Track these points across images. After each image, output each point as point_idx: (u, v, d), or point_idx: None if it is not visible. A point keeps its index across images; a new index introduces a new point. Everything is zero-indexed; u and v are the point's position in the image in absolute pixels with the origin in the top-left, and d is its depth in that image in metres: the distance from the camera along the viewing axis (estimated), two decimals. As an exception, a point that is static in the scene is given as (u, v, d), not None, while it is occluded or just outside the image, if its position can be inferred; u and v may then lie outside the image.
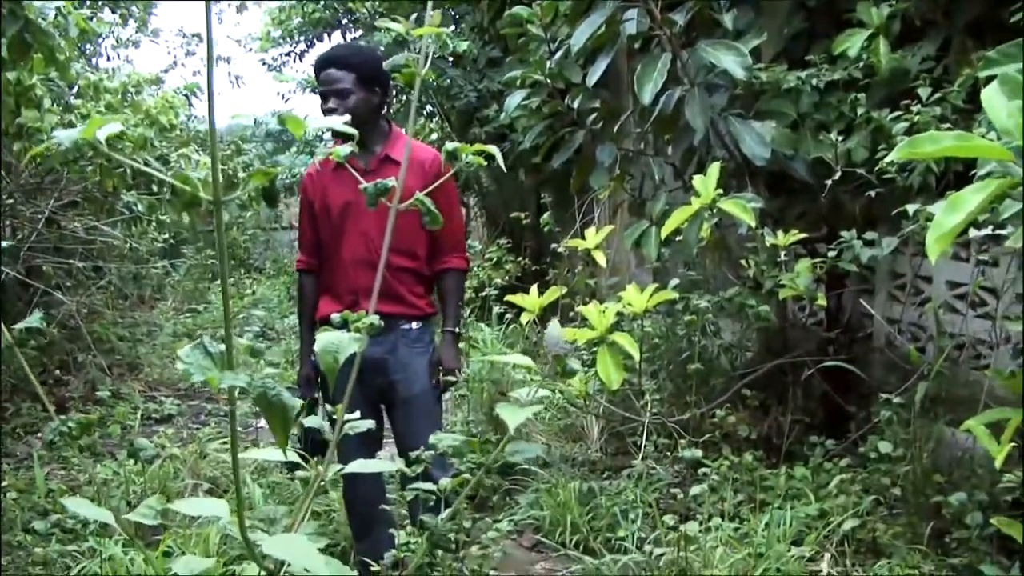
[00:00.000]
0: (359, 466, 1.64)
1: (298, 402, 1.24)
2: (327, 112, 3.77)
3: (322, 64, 3.84)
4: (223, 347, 1.19)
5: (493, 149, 1.67)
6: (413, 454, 2.81)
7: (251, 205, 11.72)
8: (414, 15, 1.67)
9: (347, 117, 1.46)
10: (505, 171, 3.14)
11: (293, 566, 1.25)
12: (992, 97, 2.71)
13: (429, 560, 2.95)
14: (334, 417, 1.64)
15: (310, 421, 1.77)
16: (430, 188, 3.63)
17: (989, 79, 2.90)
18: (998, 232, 3.07)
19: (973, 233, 3.19)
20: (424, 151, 3.94)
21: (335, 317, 1.65)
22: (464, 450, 2.03)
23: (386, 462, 1.89)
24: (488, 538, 3.26)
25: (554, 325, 1.78)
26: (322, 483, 1.53)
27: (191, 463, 5.43)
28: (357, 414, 1.74)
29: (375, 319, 1.57)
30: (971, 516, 3.62)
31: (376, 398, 3.89)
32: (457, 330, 3.99)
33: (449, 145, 1.60)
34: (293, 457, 1.54)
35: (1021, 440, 3.66)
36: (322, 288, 3.97)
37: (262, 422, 6.33)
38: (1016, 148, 2.56)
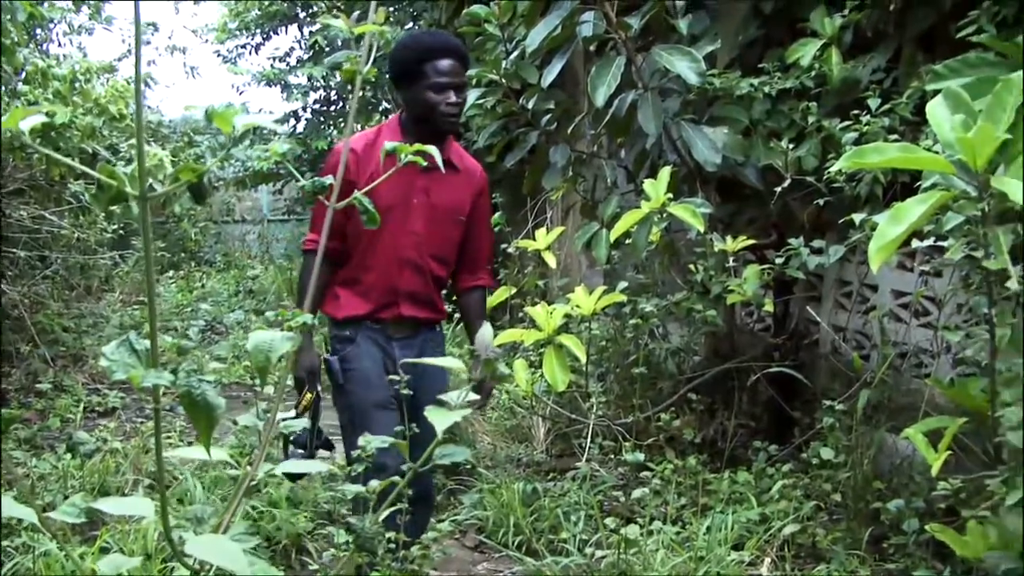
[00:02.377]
0: (292, 466, 1.63)
1: (223, 400, 1.22)
2: (450, 105, 3.47)
3: (444, 51, 3.50)
4: (148, 344, 1.17)
5: (432, 149, 1.66)
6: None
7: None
8: (356, 12, 1.65)
9: (272, 116, 1.44)
10: (444, 171, 3.12)
11: (218, 566, 1.23)
12: (936, 110, 2.74)
13: (369, 560, 2.93)
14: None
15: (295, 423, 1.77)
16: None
17: (936, 92, 2.94)
18: (939, 243, 3.10)
19: (916, 244, 3.22)
20: (474, 162, 3.82)
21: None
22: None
23: (319, 462, 1.87)
24: (429, 538, 3.25)
25: (485, 328, 1.77)
26: (254, 482, 1.50)
27: (133, 458, 5.35)
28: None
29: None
30: (908, 522, 3.67)
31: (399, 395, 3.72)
32: None
33: (388, 144, 1.59)
34: (221, 456, 1.51)
35: (958, 448, 3.72)
36: (345, 282, 3.65)
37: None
38: (958, 161, 2.59)
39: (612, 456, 4.94)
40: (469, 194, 3.71)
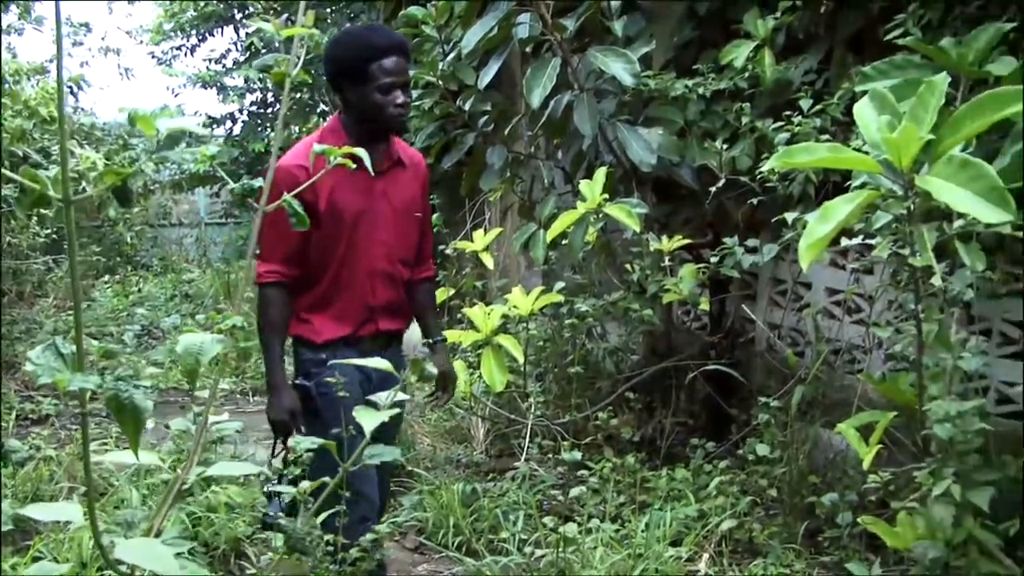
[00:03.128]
0: (219, 468, 1.62)
1: (150, 403, 1.22)
2: (398, 106, 3.26)
3: (389, 49, 3.28)
4: (75, 348, 1.16)
5: (361, 152, 1.66)
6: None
7: (139, 201, 11.46)
8: (285, 15, 1.65)
9: (198, 119, 1.42)
10: (373, 173, 3.09)
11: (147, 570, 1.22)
12: (863, 111, 2.80)
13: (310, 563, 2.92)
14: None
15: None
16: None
17: (864, 93, 3.00)
18: (870, 241, 3.16)
19: (846, 242, 3.28)
20: (414, 151, 3.62)
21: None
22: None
23: (248, 464, 1.86)
24: (367, 540, 3.23)
25: (413, 330, 1.78)
26: (185, 487, 1.49)
27: (68, 465, 5.26)
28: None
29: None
30: (841, 515, 3.73)
31: None
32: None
33: (317, 147, 1.59)
34: (152, 459, 1.50)
35: (890, 442, 3.79)
36: (315, 306, 3.39)
37: (148, 424, 6.23)
38: (884, 161, 2.64)
39: (551, 455, 4.96)
40: (420, 187, 3.54)
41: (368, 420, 1.47)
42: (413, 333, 1.84)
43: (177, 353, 1.33)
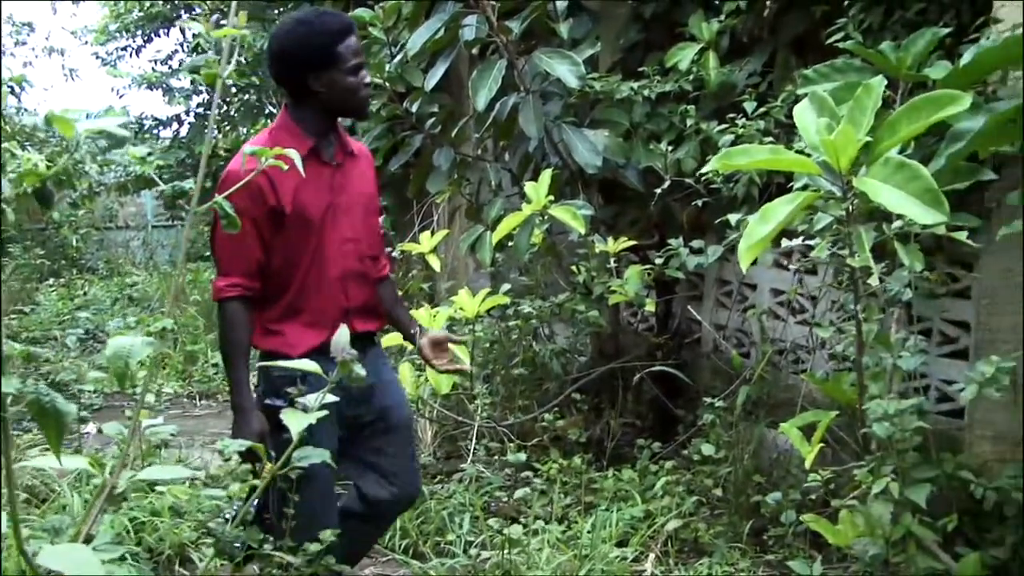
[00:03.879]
0: (152, 473, 1.60)
1: (72, 407, 1.20)
2: (367, 85, 3.11)
3: (350, 29, 3.11)
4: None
5: (294, 153, 1.65)
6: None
7: (83, 203, 11.31)
8: (215, 16, 1.63)
9: (121, 119, 1.40)
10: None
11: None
12: (802, 114, 2.84)
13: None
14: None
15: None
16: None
17: (806, 96, 3.04)
18: (809, 243, 3.20)
19: (787, 243, 3.31)
20: (357, 142, 3.41)
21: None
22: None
23: (182, 468, 1.84)
24: (313, 551, 3.20)
25: (341, 332, 1.77)
26: (117, 492, 1.48)
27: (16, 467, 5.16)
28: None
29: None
30: (785, 514, 3.76)
31: (349, 428, 3.26)
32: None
33: (247, 148, 1.57)
34: (78, 464, 1.48)
35: (834, 441, 3.84)
36: (284, 316, 3.14)
37: (87, 427, 6.14)
38: (823, 163, 2.67)
39: (498, 457, 4.96)
40: (372, 177, 3.37)
41: (295, 422, 1.46)
42: (340, 335, 1.82)
43: (106, 356, 1.30)
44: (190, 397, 7.62)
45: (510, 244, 4.67)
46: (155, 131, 13.63)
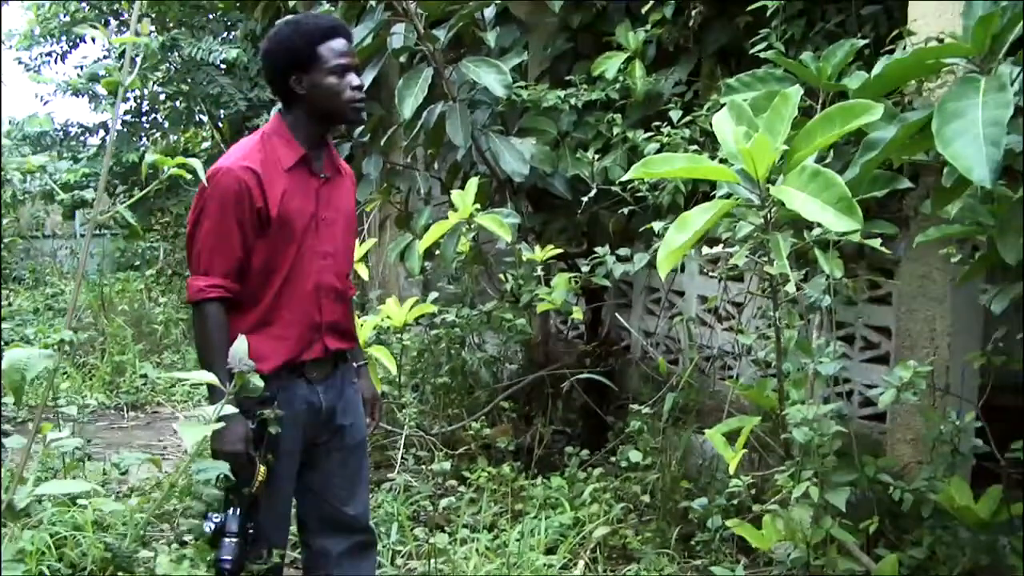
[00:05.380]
0: (51, 487, 1.57)
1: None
2: (355, 89, 2.98)
3: (337, 30, 3.00)
4: None
5: (196, 163, 1.62)
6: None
7: (8, 212, 11.06)
8: (113, 23, 1.60)
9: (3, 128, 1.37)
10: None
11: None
12: (721, 123, 2.86)
13: None
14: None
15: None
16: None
17: (728, 104, 3.07)
18: (730, 250, 3.23)
19: (707, 251, 3.35)
20: (343, 161, 3.29)
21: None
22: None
23: (82, 482, 1.80)
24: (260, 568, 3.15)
25: (239, 341, 1.74)
26: (20, 508, 1.44)
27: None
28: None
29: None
30: (712, 519, 3.79)
31: (305, 448, 3.12)
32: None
33: (149, 157, 1.54)
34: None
35: (760, 447, 3.88)
36: (255, 326, 2.96)
37: (8, 440, 6.01)
38: (741, 171, 2.70)
39: (427, 466, 4.94)
40: (354, 197, 3.27)
41: (189, 434, 1.44)
42: (238, 345, 1.80)
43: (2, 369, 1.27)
44: (117, 409, 7.49)
45: (438, 252, 4.66)
46: (81, 138, 13.37)
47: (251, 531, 2.91)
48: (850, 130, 2.69)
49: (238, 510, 2.87)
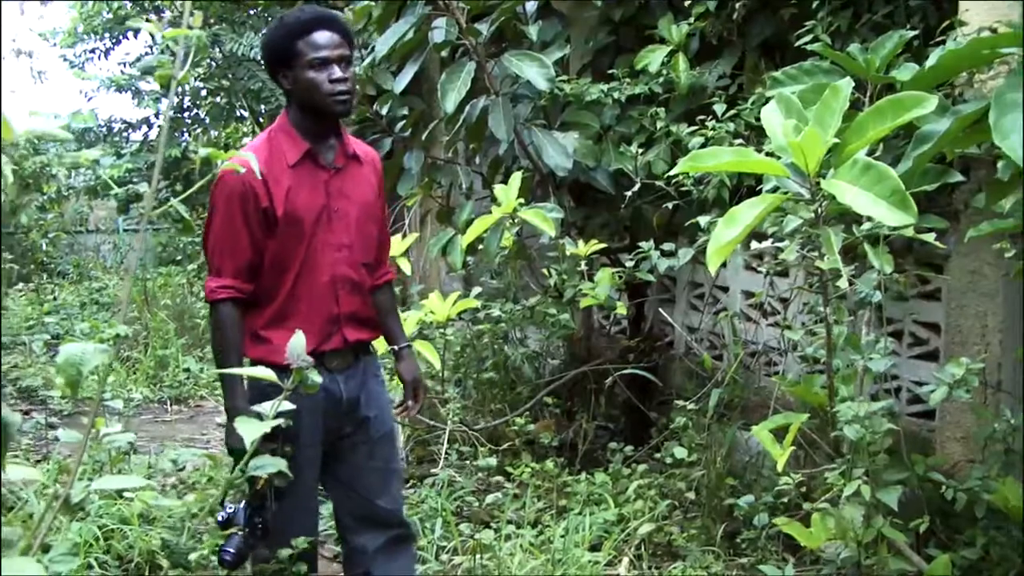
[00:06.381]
0: (105, 482, 1.57)
1: (17, 417, 1.17)
2: (335, 82, 2.94)
3: (316, 23, 2.98)
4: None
5: (250, 156, 1.62)
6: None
7: (52, 207, 11.18)
8: (166, 16, 1.59)
9: (64, 121, 1.37)
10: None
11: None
12: (770, 116, 2.82)
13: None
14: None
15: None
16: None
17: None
18: (779, 245, 3.19)
19: (756, 245, 3.31)
20: (367, 146, 3.33)
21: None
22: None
23: (136, 478, 1.81)
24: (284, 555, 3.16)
25: (297, 337, 1.74)
26: (74, 502, 1.44)
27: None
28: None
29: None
30: (758, 517, 3.75)
31: (329, 439, 3.14)
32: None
33: (202, 151, 1.54)
34: (18, 473, 1.45)
35: (807, 443, 3.83)
36: (272, 322, 3.03)
37: (55, 432, 6.07)
38: (791, 165, 2.66)
39: (470, 462, 4.93)
40: (376, 184, 3.23)
41: (248, 430, 1.43)
42: (296, 341, 1.79)
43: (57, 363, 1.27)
44: (161, 402, 7.55)
45: (480, 247, 4.64)
46: (124, 134, 13.50)
47: (259, 525, 2.91)
48: (902, 123, 2.64)
49: (247, 504, 2.90)
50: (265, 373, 1.92)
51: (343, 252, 3.07)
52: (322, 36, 2.96)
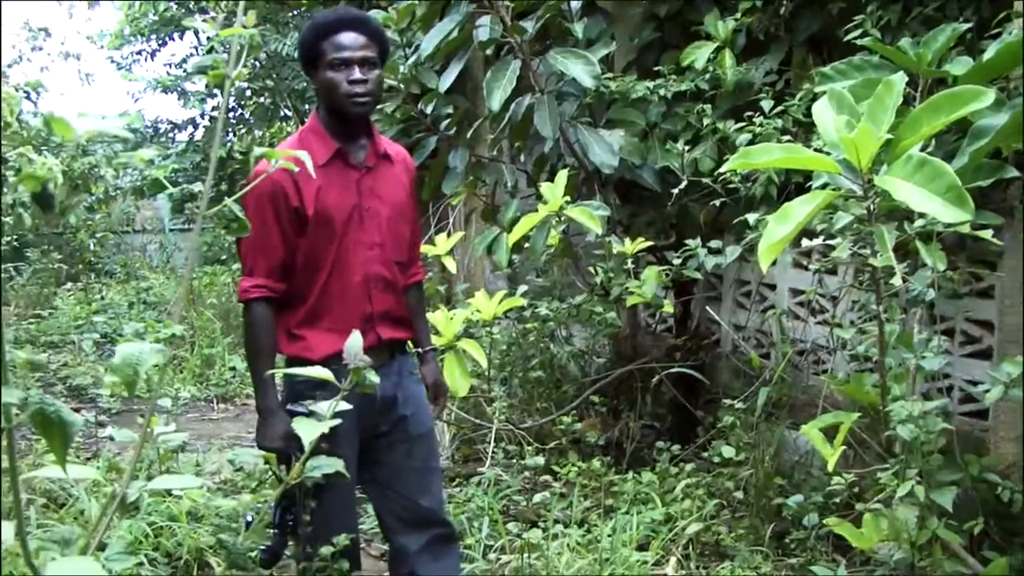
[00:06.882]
0: (161, 482, 1.58)
1: (78, 418, 1.17)
2: (353, 83, 2.96)
3: (340, 24, 3.01)
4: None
5: (304, 155, 1.62)
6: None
7: (99, 207, 11.31)
8: (221, 16, 1.59)
9: (122, 120, 1.37)
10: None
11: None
12: (821, 112, 2.79)
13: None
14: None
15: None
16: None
17: (824, 94, 2.99)
18: (830, 242, 3.15)
19: (807, 243, 3.27)
20: (399, 146, 3.33)
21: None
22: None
23: (191, 477, 1.82)
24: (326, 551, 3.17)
25: (354, 337, 1.73)
26: (129, 501, 1.45)
27: (27, 476, 5.15)
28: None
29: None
30: (808, 517, 3.72)
31: (365, 438, 3.13)
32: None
33: (257, 149, 1.54)
34: (86, 474, 1.46)
35: (856, 443, 3.79)
36: (306, 321, 3.06)
37: (105, 431, 6.14)
38: (843, 161, 2.63)
39: (516, 460, 4.92)
40: (409, 183, 3.24)
41: (306, 431, 1.43)
42: (353, 341, 1.79)
43: (114, 363, 1.27)
44: (207, 401, 7.62)
45: (526, 245, 4.63)
46: (170, 135, 13.65)
47: (291, 523, 2.93)
48: (958, 118, 2.60)
49: (278, 503, 2.90)
50: (321, 373, 1.92)
51: (375, 251, 3.09)
52: (346, 37, 2.99)
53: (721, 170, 3.69)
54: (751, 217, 3.83)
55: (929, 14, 3.90)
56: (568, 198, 4.38)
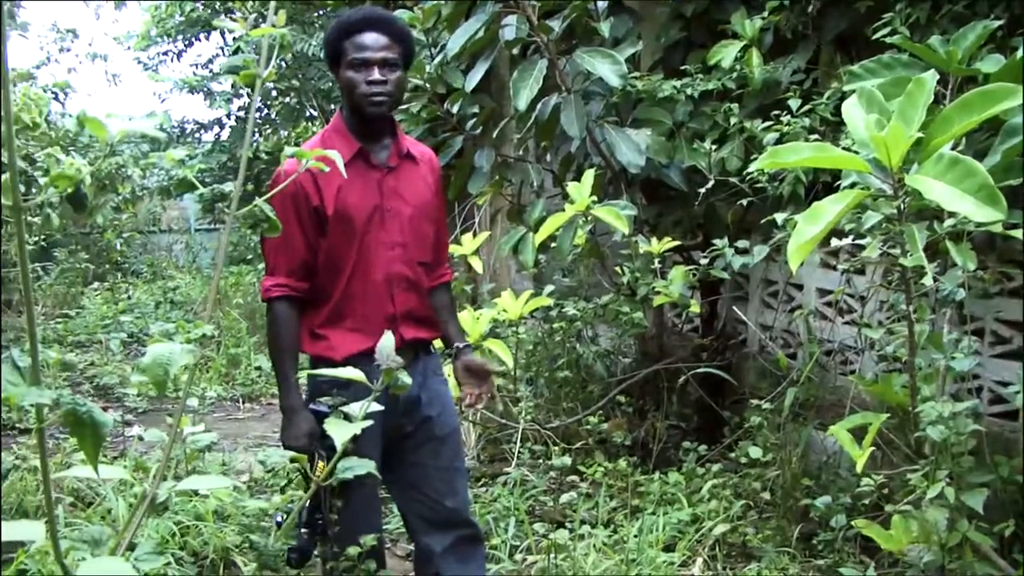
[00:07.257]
0: (191, 483, 1.58)
1: (109, 419, 1.17)
2: (371, 83, 2.95)
3: (362, 24, 3.00)
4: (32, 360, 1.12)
5: (335, 155, 1.61)
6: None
7: (126, 207, 11.39)
8: (252, 16, 1.58)
9: (155, 120, 1.37)
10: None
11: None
12: (851, 110, 2.77)
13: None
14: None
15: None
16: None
17: (853, 92, 2.97)
18: (859, 242, 3.13)
19: (836, 242, 3.25)
20: (424, 146, 3.31)
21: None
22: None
23: (221, 478, 1.82)
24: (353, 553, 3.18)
25: (386, 338, 1.73)
26: (158, 502, 1.45)
27: (56, 476, 5.18)
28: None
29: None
30: (835, 519, 3.69)
31: (390, 439, 3.13)
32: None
33: (288, 149, 1.54)
34: (116, 474, 1.46)
35: (884, 443, 3.76)
36: (329, 321, 3.07)
37: (132, 430, 6.17)
38: (873, 160, 2.61)
39: (542, 460, 4.92)
40: (434, 183, 3.23)
41: (338, 432, 1.43)
42: (385, 342, 1.79)
43: (144, 363, 1.28)
44: (233, 400, 7.65)
45: (552, 245, 4.62)
46: (197, 135, 13.73)
47: (319, 522, 2.93)
48: (990, 116, 2.57)
49: (307, 504, 2.89)
50: (354, 374, 1.92)
51: (397, 251, 3.08)
52: (368, 37, 2.99)
53: (749, 169, 3.67)
54: (779, 217, 3.80)
55: (959, 11, 3.87)
56: (595, 198, 4.37)
